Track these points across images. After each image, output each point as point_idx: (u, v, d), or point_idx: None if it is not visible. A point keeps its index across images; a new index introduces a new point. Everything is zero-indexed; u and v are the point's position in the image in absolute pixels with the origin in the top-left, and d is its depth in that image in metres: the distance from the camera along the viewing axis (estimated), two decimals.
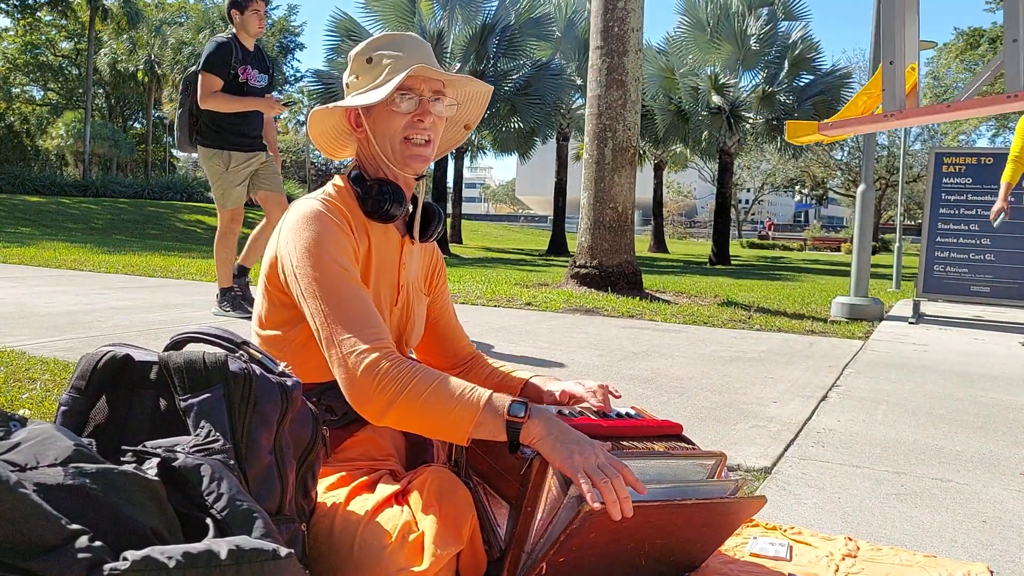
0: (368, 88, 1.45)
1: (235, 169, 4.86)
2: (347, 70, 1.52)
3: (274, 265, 1.41)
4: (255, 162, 4.95)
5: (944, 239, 6.68)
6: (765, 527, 1.75)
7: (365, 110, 1.46)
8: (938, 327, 6.19)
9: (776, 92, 18.79)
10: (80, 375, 1.12)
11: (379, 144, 1.47)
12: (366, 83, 1.46)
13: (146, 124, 46.34)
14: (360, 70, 1.48)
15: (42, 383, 2.87)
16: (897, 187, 19.89)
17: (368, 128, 1.47)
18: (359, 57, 1.48)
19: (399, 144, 1.46)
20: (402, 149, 1.46)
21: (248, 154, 4.91)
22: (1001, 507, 2.02)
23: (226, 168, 4.85)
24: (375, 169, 1.51)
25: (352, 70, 1.50)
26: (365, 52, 1.48)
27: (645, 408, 1.56)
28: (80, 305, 5.22)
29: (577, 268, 7.65)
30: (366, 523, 1.22)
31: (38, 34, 42.81)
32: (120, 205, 23.76)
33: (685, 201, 54.64)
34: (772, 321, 5.92)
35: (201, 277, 7.80)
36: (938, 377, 3.92)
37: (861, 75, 29.25)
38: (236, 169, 4.86)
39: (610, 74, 7.36)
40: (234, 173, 4.86)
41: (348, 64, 1.51)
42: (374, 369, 1.24)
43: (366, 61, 1.46)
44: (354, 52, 1.50)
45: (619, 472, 1.17)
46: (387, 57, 1.45)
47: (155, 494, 0.88)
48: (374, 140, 1.47)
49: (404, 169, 1.49)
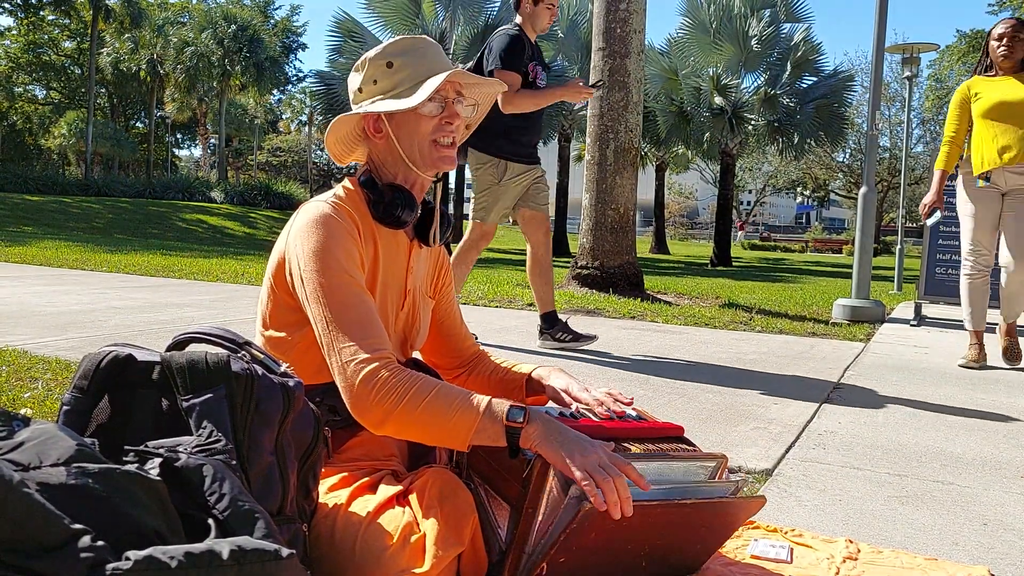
0: (394, 92, 1.45)
1: (508, 182, 4.25)
2: (360, 74, 1.49)
3: (281, 266, 1.42)
4: (530, 176, 4.32)
5: (946, 241, 6.67)
6: (766, 529, 1.75)
7: (387, 114, 1.46)
8: (939, 330, 6.18)
9: (778, 94, 18.77)
10: (83, 375, 1.12)
11: (404, 148, 1.47)
12: (388, 87, 1.46)
13: (148, 123, 46.42)
14: (379, 74, 1.46)
15: (44, 382, 2.87)
16: (899, 189, 19.87)
17: (391, 132, 1.47)
18: (377, 61, 1.47)
19: (428, 147, 1.46)
20: (430, 151, 1.47)
21: (527, 167, 4.30)
22: (1002, 510, 2.02)
23: (499, 180, 4.24)
24: (390, 174, 1.50)
25: (369, 75, 1.47)
26: (384, 57, 1.46)
27: (647, 409, 1.55)
28: (82, 305, 5.23)
29: (579, 269, 7.65)
30: (367, 524, 1.22)
31: (41, 33, 42.88)
32: (122, 204, 23.79)
33: (687, 202, 54.65)
34: (773, 323, 5.92)
35: (203, 277, 7.81)
36: (939, 380, 3.91)
37: (863, 77, 29.25)
38: (510, 182, 4.25)
39: (612, 75, 7.36)
40: (507, 186, 4.25)
41: (362, 68, 1.49)
42: (373, 379, 1.25)
43: (387, 66, 1.45)
44: (371, 56, 1.48)
45: (622, 470, 1.18)
46: (409, 61, 1.45)
47: (157, 494, 0.88)
48: (398, 144, 1.47)
49: (429, 171, 1.49)
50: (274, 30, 45.64)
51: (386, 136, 1.48)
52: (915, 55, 11.63)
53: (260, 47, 38.14)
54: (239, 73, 38.03)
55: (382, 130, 1.47)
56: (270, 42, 41.01)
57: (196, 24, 38.51)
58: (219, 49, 37.21)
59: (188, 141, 57.78)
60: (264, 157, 57.18)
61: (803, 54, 18.91)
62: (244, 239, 21.06)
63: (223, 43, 37.14)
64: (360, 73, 1.49)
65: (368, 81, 1.47)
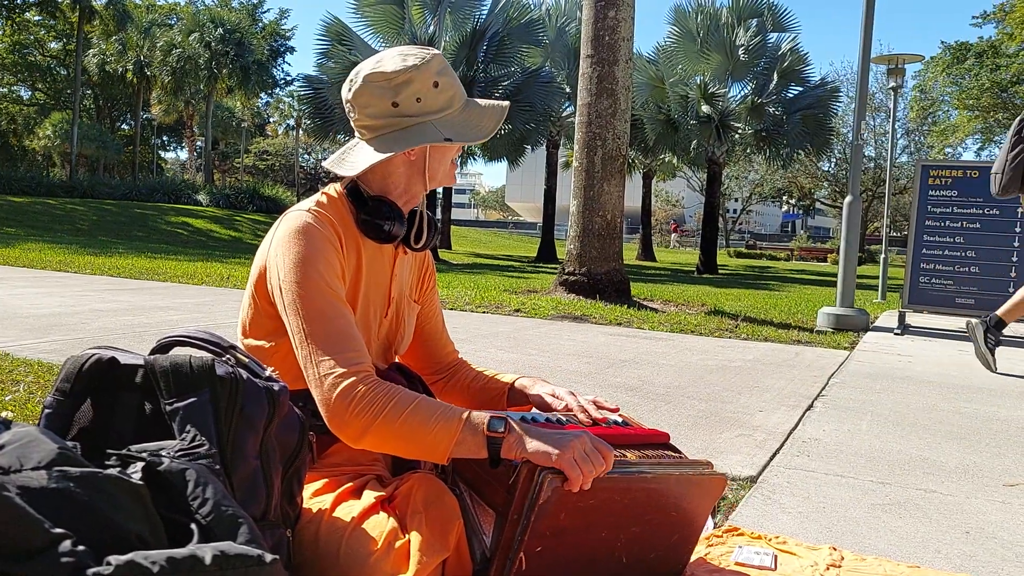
0: (446, 114, 1.44)
1: None
2: (385, 88, 1.41)
3: (263, 276, 1.40)
4: None
5: (930, 251, 6.73)
6: (750, 536, 1.75)
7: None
8: (923, 338, 6.23)
9: (765, 103, 18.89)
10: (65, 378, 1.11)
11: (433, 166, 1.48)
12: (436, 107, 1.43)
13: (134, 125, 46.13)
14: (424, 93, 1.41)
15: (26, 385, 2.84)
16: (883, 199, 20.05)
17: (427, 152, 1.46)
18: (423, 78, 1.41)
19: (449, 167, 1.51)
20: (450, 170, 1.51)
21: None
22: (984, 518, 2.04)
23: None
24: (391, 185, 1.48)
25: (412, 92, 1.41)
26: (430, 75, 1.41)
27: (632, 416, 1.56)
28: (65, 307, 5.19)
29: (566, 275, 7.66)
30: (352, 530, 1.22)
31: (26, 34, 42.57)
32: (106, 206, 23.62)
33: (673, 210, 54.84)
34: (758, 330, 5.94)
35: (187, 280, 7.76)
36: (923, 388, 3.94)
37: (849, 88, 29.51)
38: None
39: (600, 83, 7.39)
40: None
41: (389, 82, 1.40)
42: (350, 393, 1.24)
43: (433, 85, 1.42)
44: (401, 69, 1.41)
45: (603, 455, 1.21)
46: (450, 81, 1.45)
47: (140, 498, 0.88)
48: (429, 163, 1.47)
49: (437, 185, 1.53)
50: (262, 33, 45.49)
51: (418, 156, 1.46)
52: (900, 66, 11.75)
53: (247, 50, 38.00)
54: (226, 76, 37.87)
55: (415, 149, 1.44)
56: (258, 45, 40.87)
57: (185, 27, 38.32)
58: (206, 52, 37.05)
59: (174, 144, 57.50)
60: (251, 160, 56.96)
61: (789, 64, 19.05)
62: (229, 242, 20.96)
63: (210, 46, 36.99)
64: (386, 87, 1.41)
65: (410, 98, 1.41)
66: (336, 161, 1.47)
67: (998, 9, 27.54)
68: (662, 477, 1.32)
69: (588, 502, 1.22)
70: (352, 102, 1.44)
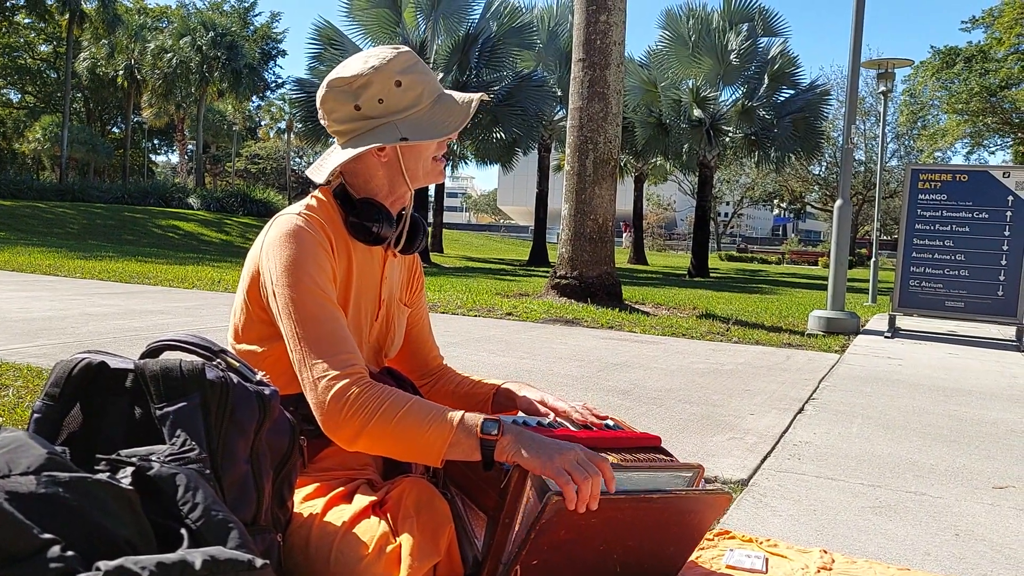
0: (411, 113, 1.42)
1: None
2: (348, 92, 1.41)
3: (255, 281, 1.40)
4: None
5: (920, 255, 6.77)
6: (741, 539, 1.76)
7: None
8: (913, 341, 6.25)
9: (756, 107, 18.97)
10: (54, 382, 1.11)
11: (409, 165, 1.46)
12: (399, 106, 1.42)
13: (125, 129, 45.95)
14: (386, 93, 1.41)
15: (14, 389, 2.83)
16: (874, 202, 20.14)
17: (398, 152, 1.45)
18: (382, 79, 1.40)
19: (430, 164, 1.48)
20: (432, 168, 1.48)
21: None
22: (974, 520, 2.05)
23: None
24: (375, 187, 1.48)
25: (373, 93, 1.40)
26: (390, 75, 1.41)
27: (624, 419, 1.56)
28: (54, 311, 5.16)
29: (557, 279, 7.67)
30: (343, 534, 1.21)
31: (16, 37, 42.37)
32: (96, 210, 23.51)
33: (665, 213, 54.96)
34: (750, 334, 5.96)
35: (178, 284, 7.73)
36: (912, 391, 3.96)
37: (839, 92, 29.62)
38: None
39: (592, 87, 7.40)
40: None
41: (350, 86, 1.41)
42: (344, 395, 1.24)
43: (395, 84, 1.41)
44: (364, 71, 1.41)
45: (598, 466, 1.19)
46: (417, 79, 1.43)
47: (129, 503, 0.87)
48: (403, 162, 1.45)
49: (422, 184, 1.50)
50: (253, 37, 45.42)
51: (390, 156, 1.45)
52: (890, 70, 11.81)
53: (239, 54, 37.91)
54: (217, 80, 37.78)
55: (385, 149, 1.44)
56: (249, 49, 40.78)
57: (175, 31, 38.22)
58: (197, 56, 36.96)
59: (165, 147, 57.27)
60: (242, 164, 56.83)
61: (780, 68, 19.15)
62: (220, 246, 20.90)
63: (201, 50, 36.90)
64: (347, 91, 1.41)
65: (371, 99, 1.41)
66: (315, 168, 1.48)
67: (987, 14, 27.75)
68: (670, 498, 1.30)
69: (591, 520, 1.21)
70: (320, 108, 1.46)
